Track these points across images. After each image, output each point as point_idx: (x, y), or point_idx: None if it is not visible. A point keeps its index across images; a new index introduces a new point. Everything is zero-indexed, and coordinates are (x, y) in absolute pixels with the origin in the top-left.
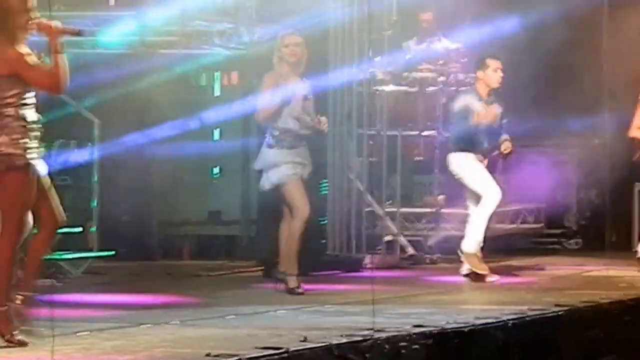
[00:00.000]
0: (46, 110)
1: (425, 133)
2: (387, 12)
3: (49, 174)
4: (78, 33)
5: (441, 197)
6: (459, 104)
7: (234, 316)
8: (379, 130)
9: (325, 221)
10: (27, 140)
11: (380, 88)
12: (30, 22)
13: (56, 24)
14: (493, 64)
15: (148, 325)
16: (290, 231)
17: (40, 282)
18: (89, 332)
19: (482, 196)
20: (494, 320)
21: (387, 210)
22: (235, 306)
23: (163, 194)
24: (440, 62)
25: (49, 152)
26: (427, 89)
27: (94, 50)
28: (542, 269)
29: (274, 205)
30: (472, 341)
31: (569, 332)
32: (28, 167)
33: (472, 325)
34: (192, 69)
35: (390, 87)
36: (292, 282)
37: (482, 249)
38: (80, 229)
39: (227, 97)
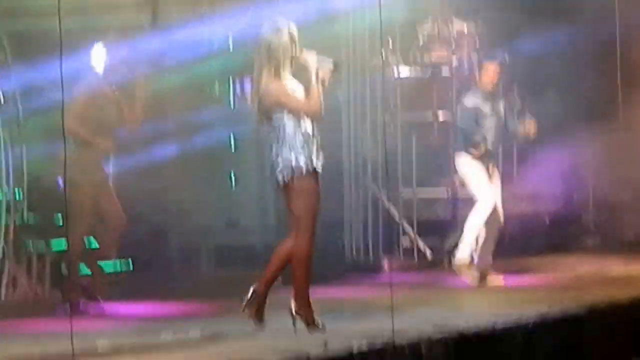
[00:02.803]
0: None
1: (439, 118)
2: None
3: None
4: (335, 65)
5: (457, 180)
6: (469, 103)
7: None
8: (394, 116)
9: None
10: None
11: (393, 73)
12: (295, 56)
13: (313, 58)
14: (490, 67)
15: (169, 335)
16: None
17: (58, 294)
18: (108, 343)
19: (478, 201)
20: (515, 322)
21: (403, 194)
22: None
23: (180, 204)
24: (453, 46)
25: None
26: (440, 73)
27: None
28: (561, 269)
29: None
30: (493, 344)
31: (591, 331)
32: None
33: (493, 328)
34: (206, 77)
35: (403, 72)
36: None
37: (495, 251)
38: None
39: (243, 106)
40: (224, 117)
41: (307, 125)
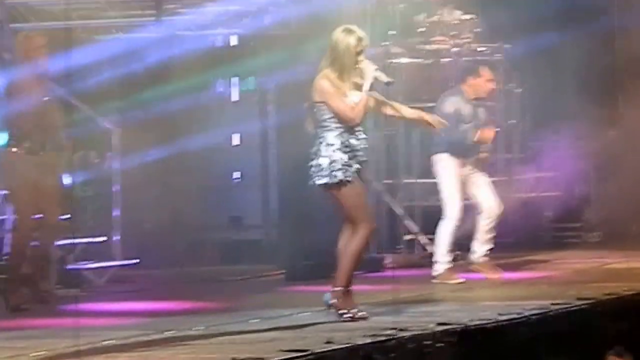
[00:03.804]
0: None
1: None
2: None
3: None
4: (387, 83)
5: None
6: (449, 108)
7: (258, 320)
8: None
9: None
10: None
11: (395, 61)
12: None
13: (372, 69)
14: (486, 74)
15: (173, 332)
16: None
17: (64, 292)
18: (114, 341)
19: (443, 208)
20: (517, 316)
21: (405, 182)
22: (259, 310)
23: (184, 200)
24: (453, 33)
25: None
26: (441, 60)
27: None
28: (563, 263)
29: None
30: (496, 338)
31: (593, 326)
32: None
33: (496, 322)
34: (210, 74)
35: (405, 60)
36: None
37: (497, 245)
38: (104, 239)
39: (245, 102)
40: (227, 113)
41: (350, 132)
